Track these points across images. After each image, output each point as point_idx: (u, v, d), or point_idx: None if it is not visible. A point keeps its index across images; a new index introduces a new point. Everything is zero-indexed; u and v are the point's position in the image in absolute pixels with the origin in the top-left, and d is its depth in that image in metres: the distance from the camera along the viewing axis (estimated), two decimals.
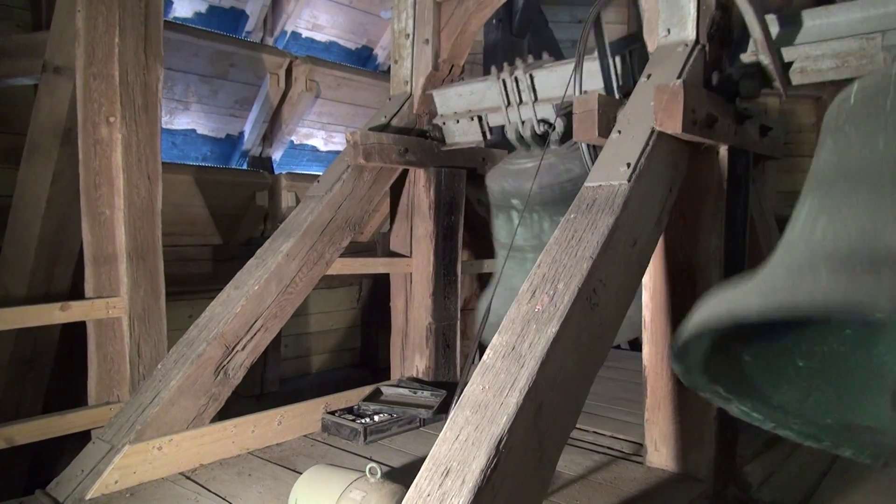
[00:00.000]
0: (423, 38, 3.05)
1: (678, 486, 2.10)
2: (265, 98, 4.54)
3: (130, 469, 2.07)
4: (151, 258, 2.87)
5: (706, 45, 2.01)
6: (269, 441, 2.47)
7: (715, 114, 1.92)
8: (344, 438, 2.54)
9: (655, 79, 1.94)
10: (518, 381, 1.39)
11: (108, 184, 2.78)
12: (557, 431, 1.48)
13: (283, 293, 2.58)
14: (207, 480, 2.14)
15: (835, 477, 2.32)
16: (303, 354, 5.06)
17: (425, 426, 2.70)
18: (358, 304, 5.31)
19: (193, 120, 4.42)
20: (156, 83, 2.89)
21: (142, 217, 2.83)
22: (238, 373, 2.45)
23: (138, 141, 2.82)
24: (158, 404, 2.18)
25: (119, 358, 2.80)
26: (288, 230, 2.71)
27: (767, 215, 2.70)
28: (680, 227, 2.10)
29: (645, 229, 1.78)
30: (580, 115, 2.00)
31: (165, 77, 3.03)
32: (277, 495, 2.02)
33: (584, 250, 1.60)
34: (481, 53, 4.82)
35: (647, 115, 1.84)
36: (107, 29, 2.74)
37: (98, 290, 2.78)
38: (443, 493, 1.27)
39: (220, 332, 2.36)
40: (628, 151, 1.80)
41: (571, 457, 2.33)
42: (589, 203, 1.73)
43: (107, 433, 2.17)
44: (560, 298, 1.51)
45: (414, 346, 3.20)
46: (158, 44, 2.90)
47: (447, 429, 1.39)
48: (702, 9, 2.02)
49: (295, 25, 4.82)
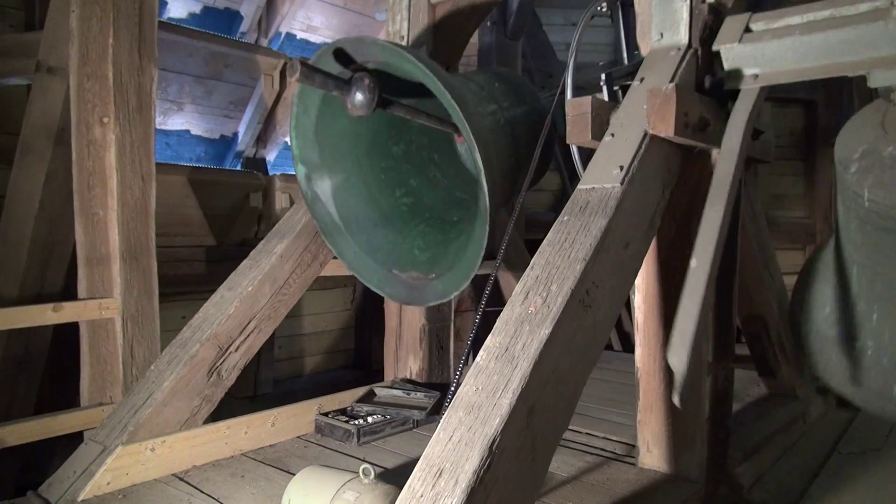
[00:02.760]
0: (418, 41, 3.06)
1: (670, 487, 2.11)
2: (259, 99, 4.54)
3: (123, 470, 2.06)
4: (145, 259, 2.86)
5: (699, 49, 2.02)
6: (262, 442, 2.47)
7: (707, 117, 1.93)
8: (337, 440, 2.54)
9: (648, 82, 1.95)
10: (511, 382, 1.40)
11: (102, 184, 2.77)
12: (550, 432, 1.49)
13: (277, 294, 2.58)
14: (200, 482, 2.14)
15: (826, 478, 2.34)
16: (296, 356, 5.05)
17: (419, 427, 2.70)
18: (352, 305, 5.30)
19: (187, 121, 4.41)
20: (150, 84, 2.88)
21: (135, 218, 2.83)
22: (231, 374, 2.45)
23: (132, 141, 2.81)
24: (151, 405, 2.18)
25: (112, 359, 2.79)
26: (282, 231, 2.71)
27: (759, 218, 2.72)
28: (672, 230, 2.11)
29: (638, 232, 1.79)
30: (573, 117, 2.01)
31: (159, 78, 3.02)
32: (270, 496, 2.02)
33: (577, 252, 1.61)
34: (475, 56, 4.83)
35: (640, 119, 1.85)
36: (101, 29, 2.73)
37: (91, 290, 2.78)
38: (436, 493, 1.28)
39: (214, 333, 2.36)
40: (621, 154, 1.81)
41: (564, 458, 2.34)
42: (582, 205, 1.74)
43: (99, 434, 2.17)
44: (553, 300, 1.52)
45: (407, 348, 3.20)
46: (153, 44, 2.89)
47: (440, 430, 1.40)
48: (694, 13, 2.03)
49: (289, 27, 4.82)
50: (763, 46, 1.84)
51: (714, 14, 2.07)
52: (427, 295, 2.49)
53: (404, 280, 2.55)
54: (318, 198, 2.59)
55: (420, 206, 2.78)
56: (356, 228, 2.62)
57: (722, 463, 2.20)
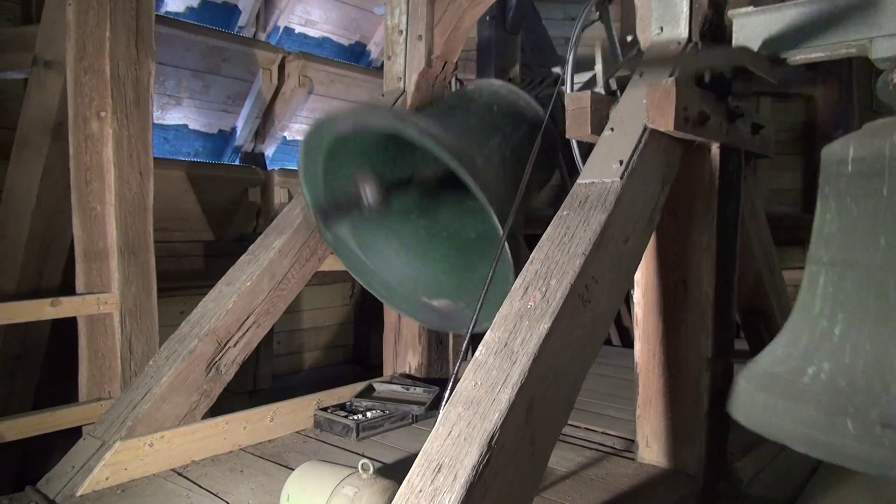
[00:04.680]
0: (417, 35, 3.04)
1: (669, 482, 2.11)
2: (258, 94, 4.52)
3: (121, 465, 2.06)
4: (143, 254, 2.86)
5: (698, 44, 2.02)
6: (261, 437, 2.46)
7: (707, 112, 1.93)
8: (336, 435, 2.54)
9: (648, 76, 1.95)
10: (510, 377, 1.39)
11: (99, 179, 2.77)
12: (549, 427, 1.49)
13: (276, 289, 2.58)
14: (199, 477, 2.14)
15: (825, 472, 2.34)
16: (295, 351, 5.05)
17: (418, 422, 2.70)
18: (350, 300, 5.30)
19: (185, 115, 4.39)
20: (147, 78, 2.87)
21: (133, 212, 2.82)
22: (230, 369, 2.45)
23: (129, 136, 2.80)
24: (150, 401, 2.17)
25: (110, 354, 2.78)
26: (280, 226, 2.70)
27: (758, 213, 2.72)
28: (672, 225, 2.11)
29: (637, 226, 1.78)
30: (573, 112, 2.01)
31: (157, 72, 3.01)
32: (269, 492, 2.01)
33: (576, 247, 1.60)
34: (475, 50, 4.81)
35: (640, 113, 1.84)
36: (98, 23, 2.72)
37: (89, 285, 2.77)
38: (435, 488, 1.27)
39: (212, 328, 2.36)
40: (621, 149, 1.80)
41: (563, 453, 2.34)
42: (581, 200, 1.74)
43: (97, 430, 2.16)
44: (552, 295, 1.52)
45: (406, 343, 3.20)
46: (150, 38, 2.88)
47: (439, 425, 1.39)
48: (694, 7, 2.02)
49: (288, 21, 4.79)
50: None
51: (714, 8, 2.06)
52: (460, 323, 2.48)
53: (435, 307, 2.54)
54: (339, 240, 2.57)
55: (436, 227, 2.75)
56: (379, 260, 2.61)
57: (721, 458, 2.20)
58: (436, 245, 2.71)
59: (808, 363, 1.29)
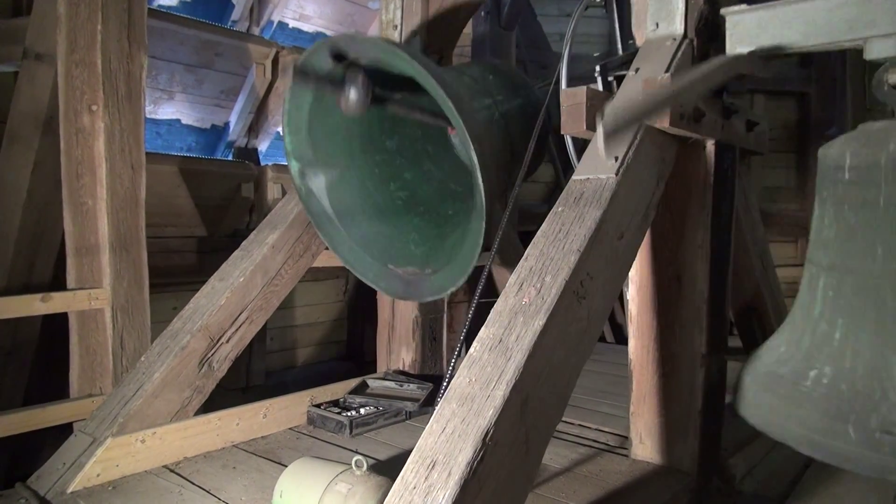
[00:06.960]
0: (411, 30, 3.03)
1: (663, 479, 2.12)
2: (251, 88, 4.50)
3: (113, 462, 2.05)
4: (135, 249, 2.83)
5: (694, 40, 2.01)
6: (253, 434, 2.45)
7: (702, 108, 1.93)
8: (330, 431, 2.53)
9: (644, 72, 1.94)
10: (505, 373, 1.39)
11: (91, 173, 2.74)
12: (544, 424, 1.49)
13: (269, 285, 2.57)
14: (191, 473, 2.13)
15: (817, 468, 2.35)
16: (288, 347, 5.03)
17: (411, 419, 2.70)
18: (344, 296, 5.29)
19: (178, 110, 4.36)
20: (139, 72, 2.84)
21: (125, 207, 2.79)
22: (223, 365, 2.44)
23: (121, 130, 2.77)
24: (142, 397, 2.16)
25: (102, 350, 2.76)
26: (273, 222, 2.69)
27: (753, 210, 2.72)
28: (667, 221, 2.11)
29: (632, 223, 1.78)
30: (568, 108, 2.00)
31: (150, 66, 2.98)
32: (262, 488, 2.01)
33: (571, 243, 1.60)
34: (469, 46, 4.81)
35: None
36: (89, 15, 2.68)
37: (80, 281, 2.75)
38: (429, 485, 1.27)
39: (205, 324, 2.35)
40: (616, 145, 1.80)
41: (557, 449, 2.34)
42: (577, 196, 1.73)
43: (89, 426, 2.15)
44: (547, 291, 1.51)
45: (400, 339, 3.19)
46: (142, 32, 2.85)
47: (433, 421, 1.39)
48: (690, 3, 2.02)
49: (282, 15, 4.77)
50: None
51: (709, 4, 2.06)
52: (423, 290, 2.47)
53: (400, 275, 2.54)
54: (311, 193, 2.56)
55: (415, 200, 2.76)
56: (351, 223, 2.60)
57: (714, 454, 2.21)
58: (411, 217, 2.72)
59: (810, 366, 1.31)
